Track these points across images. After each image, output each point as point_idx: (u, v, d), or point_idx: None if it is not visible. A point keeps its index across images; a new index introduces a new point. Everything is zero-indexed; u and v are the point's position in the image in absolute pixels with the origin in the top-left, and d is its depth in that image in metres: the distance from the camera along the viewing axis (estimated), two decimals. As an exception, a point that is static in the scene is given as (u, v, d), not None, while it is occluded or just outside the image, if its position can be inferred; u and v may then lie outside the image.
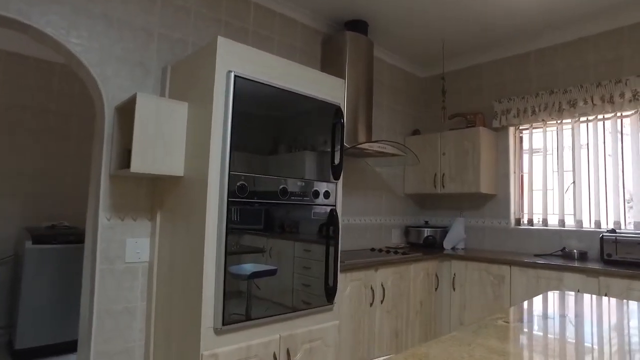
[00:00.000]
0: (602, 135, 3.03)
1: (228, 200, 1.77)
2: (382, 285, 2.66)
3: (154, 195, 2.15)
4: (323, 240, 2.17)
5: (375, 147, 2.84)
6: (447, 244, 3.56)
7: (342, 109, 2.30)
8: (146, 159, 1.83)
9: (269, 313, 1.90)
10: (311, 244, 2.11)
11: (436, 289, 3.14)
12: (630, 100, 2.82)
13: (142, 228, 2.11)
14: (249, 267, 1.85)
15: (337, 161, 2.27)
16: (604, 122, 3.03)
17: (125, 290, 2.03)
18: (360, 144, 2.74)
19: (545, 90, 3.22)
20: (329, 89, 2.28)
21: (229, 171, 1.78)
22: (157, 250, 2.08)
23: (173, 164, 1.91)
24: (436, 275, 3.15)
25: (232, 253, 1.79)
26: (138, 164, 1.80)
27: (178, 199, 1.95)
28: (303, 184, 2.11)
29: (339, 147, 2.28)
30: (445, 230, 3.69)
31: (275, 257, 1.94)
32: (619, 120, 2.97)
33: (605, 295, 2.43)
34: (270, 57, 1.98)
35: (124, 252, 2.04)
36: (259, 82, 1.91)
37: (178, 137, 1.93)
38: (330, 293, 2.19)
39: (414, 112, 4.07)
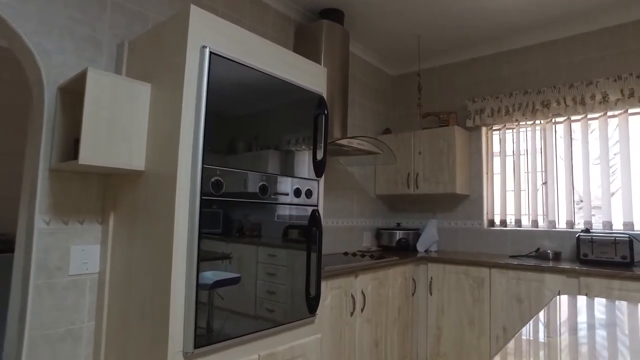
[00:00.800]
0: (571, 137, 3.06)
1: (201, 199, 1.50)
2: (362, 292, 2.46)
3: (107, 194, 1.81)
4: (303, 245, 1.94)
5: (354, 143, 2.65)
6: (421, 247, 3.45)
7: (325, 99, 2.09)
8: (98, 149, 1.50)
9: (246, 330, 1.64)
10: (290, 249, 1.87)
11: (413, 293, 3.01)
12: (600, 102, 2.86)
13: (92, 233, 1.76)
14: (210, 276, 1.57)
15: (320, 157, 2.06)
16: (570, 124, 3.07)
17: (69, 309, 1.67)
18: (339, 139, 2.54)
19: (519, 90, 3.21)
20: (311, 76, 2.06)
21: (202, 164, 1.51)
22: (110, 259, 1.74)
23: (132, 155, 1.60)
24: (413, 280, 3.02)
25: (204, 259, 1.51)
26: (88, 155, 1.47)
27: (138, 198, 1.64)
28: (284, 181, 1.87)
29: (322, 141, 2.06)
30: (417, 233, 3.58)
31: (244, 264, 1.68)
32: (588, 122, 3.00)
33: (586, 295, 2.40)
34: (249, 35, 1.73)
35: (67, 262, 1.68)
36: (237, 63, 1.65)
37: (139, 124, 1.62)
38: (312, 304, 1.96)
39: (385, 111, 3.95)
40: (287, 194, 1.89)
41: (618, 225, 2.86)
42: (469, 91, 3.56)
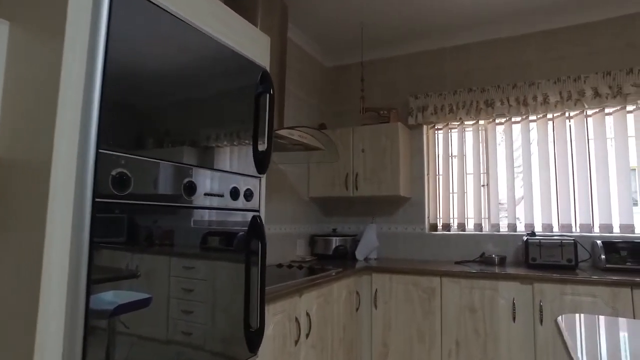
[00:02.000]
0: (513, 137, 3.00)
1: (95, 202, 0.96)
2: (307, 314, 2.05)
3: None
4: (240, 262, 1.47)
5: (295, 135, 2.24)
6: (360, 254, 3.15)
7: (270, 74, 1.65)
8: None
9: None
10: (223, 269, 1.40)
11: (357, 308, 2.67)
12: (541, 104, 2.83)
13: None
14: (110, 297, 1.04)
15: (262, 147, 1.60)
16: (511, 126, 3.01)
17: None
18: (278, 130, 2.11)
19: (464, 88, 3.07)
20: (252, 43, 1.60)
21: (97, 149, 0.98)
22: None
23: (-28, 132, 0.99)
24: (357, 293, 2.69)
25: (97, 282, 0.98)
26: None
27: (-17, 201, 1.03)
28: (218, 178, 1.39)
29: (266, 127, 1.61)
30: (355, 239, 3.28)
31: (160, 290, 1.18)
32: (530, 124, 2.97)
33: (540, 302, 2.28)
34: (172, -31, 1.22)
35: None
36: (153, 3, 1.14)
37: (-15, 82, 1.02)
38: (254, 339, 1.49)
39: (319, 105, 3.59)
40: (222, 196, 1.41)
41: (555, 228, 2.84)
42: (411, 87, 3.36)
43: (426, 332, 2.53)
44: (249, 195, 1.55)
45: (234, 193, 1.47)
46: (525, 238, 2.60)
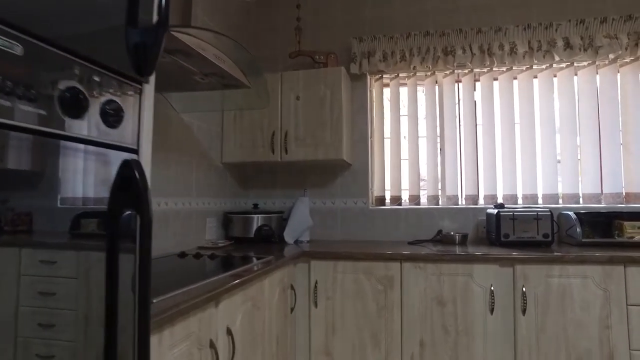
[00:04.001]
0: (474, 94, 2.54)
1: None
2: (228, 331, 1.30)
3: None
4: (97, 249, 0.68)
5: (210, 53, 1.42)
6: (289, 236, 2.46)
7: None
8: None
9: None
10: (58, 262, 0.60)
11: (292, 309, 1.98)
12: (508, 54, 2.39)
13: None
14: None
15: (145, 23, 0.80)
16: (474, 81, 2.54)
17: None
18: (177, 28, 1.28)
19: (419, 31, 2.50)
20: None
21: None
22: None
23: None
24: (292, 288, 1.99)
25: None
26: None
27: None
28: (28, 57, 0.57)
29: (153, -17, 0.81)
30: (282, 217, 2.57)
31: None
32: (493, 81, 2.52)
33: (523, 288, 1.84)
34: None
35: None
36: None
37: None
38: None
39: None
40: (34, 100, 0.59)
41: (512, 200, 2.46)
42: (353, 28, 2.70)
43: (382, 334, 1.95)
44: (113, 113, 0.74)
45: (73, 100, 0.65)
46: (495, 211, 2.15)
